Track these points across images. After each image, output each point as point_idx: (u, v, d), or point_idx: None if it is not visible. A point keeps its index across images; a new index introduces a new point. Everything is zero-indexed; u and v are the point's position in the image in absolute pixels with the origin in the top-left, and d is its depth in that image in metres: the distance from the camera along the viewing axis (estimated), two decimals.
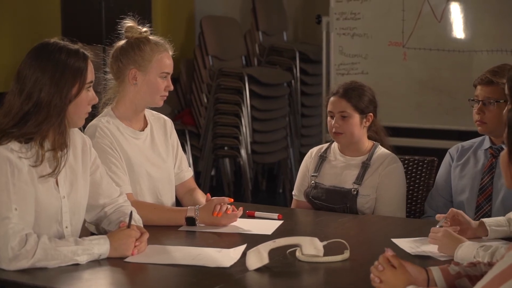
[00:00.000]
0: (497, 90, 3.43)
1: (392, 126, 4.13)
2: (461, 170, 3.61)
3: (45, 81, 2.72)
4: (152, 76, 3.35)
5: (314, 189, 3.69)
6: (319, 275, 2.71)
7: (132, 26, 3.38)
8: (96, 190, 3.01)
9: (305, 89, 7.42)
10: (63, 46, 2.80)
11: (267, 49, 7.44)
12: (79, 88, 2.77)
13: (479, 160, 3.58)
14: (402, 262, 2.32)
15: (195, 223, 3.25)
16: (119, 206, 3.05)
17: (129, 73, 3.36)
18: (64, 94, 2.74)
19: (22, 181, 2.71)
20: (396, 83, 6.18)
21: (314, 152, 3.80)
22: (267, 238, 2.86)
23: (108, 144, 3.31)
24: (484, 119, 3.47)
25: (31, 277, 2.60)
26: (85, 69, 2.79)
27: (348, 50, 6.37)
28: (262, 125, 7.09)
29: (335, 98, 3.67)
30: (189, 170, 3.62)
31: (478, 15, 5.93)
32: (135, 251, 2.80)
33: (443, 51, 6.03)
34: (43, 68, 2.74)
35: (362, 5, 6.27)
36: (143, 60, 3.34)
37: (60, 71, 2.74)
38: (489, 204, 3.48)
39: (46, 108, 2.72)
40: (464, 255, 2.71)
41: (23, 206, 2.70)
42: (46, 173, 2.76)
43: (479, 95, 3.49)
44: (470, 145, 3.65)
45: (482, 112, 3.48)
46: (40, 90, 2.72)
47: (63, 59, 2.76)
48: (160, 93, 3.38)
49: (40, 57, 2.76)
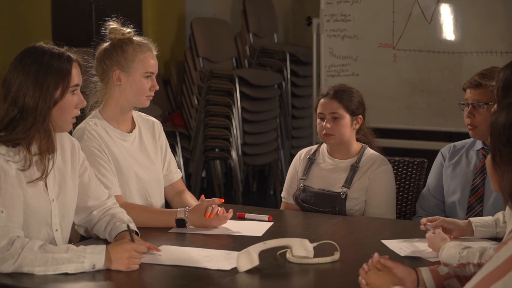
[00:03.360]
0: (486, 93, 3.44)
1: (382, 127, 4.14)
2: (452, 170, 3.62)
3: (28, 84, 2.71)
4: (136, 76, 3.35)
5: (303, 193, 3.69)
6: (309, 276, 2.71)
7: (115, 28, 3.37)
8: (85, 192, 3.00)
9: (295, 91, 7.43)
10: (47, 49, 2.78)
11: (258, 51, 7.44)
12: (62, 91, 2.75)
13: (471, 160, 3.59)
14: (391, 263, 2.33)
15: (185, 225, 3.24)
16: (107, 209, 3.04)
17: (113, 75, 3.35)
18: (48, 96, 2.72)
19: (9, 184, 2.69)
20: (386, 85, 6.19)
21: (303, 154, 3.79)
22: (257, 240, 2.86)
23: (96, 147, 3.31)
24: (475, 122, 3.47)
25: (15, 281, 2.58)
26: (69, 71, 2.76)
27: (338, 52, 6.38)
28: (252, 127, 7.09)
29: (325, 99, 3.66)
30: (178, 172, 3.61)
31: (467, 17, 5.94)
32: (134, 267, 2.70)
33: (433, 53, 6.04)
34: (27, 71, 2.72)
35: (352, 7, 6.27)
36: (126, 61, 3.34)
37: (43, 73, 2.72)
38: (480, 204, 3.49)
39: (33, 113, 2.70)
40: (447, 256, 2.72)
41: (10, 209, 2.68)
42: (35, 178, 2.76)
43: (468, 99, 3.50)
44: (462, 145, 3.66)
45: (472, 116, 3.48)
46: (24, 95, 2.70)
47: (46, 61, 2.74)
48: (145, 93, 3.38)
49: (24, 61, 2.75)
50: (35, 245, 2.64)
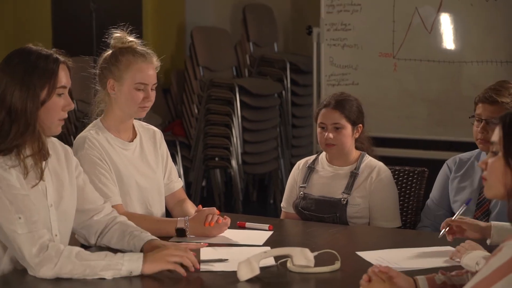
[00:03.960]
0: (501, 110, 3.42)
1: (382, 136, 4.15)
2: (459, 182, 3.62)
3: (15, 85, 2.69)
4: (126, 87, 3.33)
5: (303, 200, 3.69)
6: (310, 285, 2.71)
7: (118, 36, 3.37)
8: (80, 195, 2.99)
9: (295, 100, 7.43)
10: (35, 50, 2.78)
11: (258, 60, 7.44)
12: (49, 91, 2.73)
13: (477, 173, 3.58)
14: (393, 272, 2.32)
15: (185, 234, 3.24)
16: (113, 217, 3.03)
17: (107, 83, 3.35)
18: (35, 97, 2.70)
19: (14, 188, 2.68)
20: (387, 94, 6.19)
21: (301, 164, 3.80)
22: (258, 249, 2.86)
23: (97, 156, 3.30)
24: (488, 138, 3.45)
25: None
26: (55, 72, 2.74)
27: (338, 61, 6.38)
28: (253, 135, 7.09)
29: (327, 110, 3.67)
30: (179, 181, 3.61)
31: (468, 26, 5.95)
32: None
33: (433, 62, 6.04)
34: (13, 72, 2.71)
35: (352, 16, 6.28)
36: (119, 70, 3.33)
37: (29, 73, 2.71)
38: (486, 218, 3.49)
39: (23, 115, 2.69)
40: (467, 262, 2.72)
41: (26, 211, 2.68)
42: (35, 182, 2.75)
43: (482, 114, 3.50)
44: (468, 158, 3.66)
45: (485, 131, 3.48)
46: (11, 95, 2.68)
47: (32, 61, 2.73)
48: (137, 105, 3.35)
49: (10, 62, 2.74)
50: (72, 254, 2.66)
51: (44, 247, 2.65)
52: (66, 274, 2.65)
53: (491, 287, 1.94)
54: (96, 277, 2.67)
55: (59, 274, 2.65)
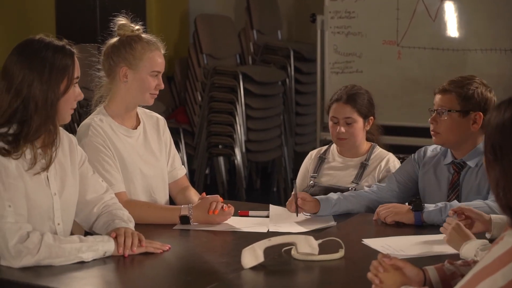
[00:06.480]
0: (450, 99, 3.37)
1: (386, 124, 4.13)
2: (424, 180, 3.50)
3: (33, 78, 2.72)
4: (142, 74, 3.34)
5: (312, 188, 3.72)
6: (314, 273, 2.71)
7: (125, 24, 3.37)
8: (83, 184, 2.99)
9: (299, 88, 7.42)
10: (48, 42, 2.79)
11: (262, 48, 7.43)
12: (67, 85, 2.77)
13: (443, 174, 3.45)
14: (401, 262, 2.31)
15: (189, 221, 3.24)
16: (106, 206, 3.02)
17: (120, 71, 3.35)
18: (55, 90, 2.74)
19: (10, 177, 2.70)
20: (390, 82, 6.18)
21: (314, 154, 3.84)
22: (262, 236, 2.86)
23: (101, 143, 3.30)
24: (437, 129, 3.40)
25: (35, 276, 2.60)
26: (72, 65, 2.79)
27: (342, 49, 6.37)
28: (256, 123, 7.08)
29: (339, 104, 3.69)
30: (182, 168, 3.61)
31: (472, 14, 5.93)
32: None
33: (437, 50, 6.03)
34: (30, 65, 2.73)
35: (356, 3, 6.27)
36: (134, 58, 3.33)
37: (48, 69, 2.74)
38: None
39: (44, 109, 2.72)
40: (466, 253, 2.71)
41: (16, 202, 2.70)
42: (39, 169, 2.76)
43: (435, 104, 3.44)
44: (433, 155, 3.53)
45: (434, 122, 3.41)
46: (29, 87, 2.71)
47: (50, 56, 2.75)
48: (149, 91, 3.37)
49: (26, 54, 2.75)
50: (49, 239, 2.68)
51: (23, 238, 2.66)
52: (47, 259, 2.66)
53: (493, 274, 1.95)
54: (76, 261, 2.69)
55: (40, 260, 2.65)
